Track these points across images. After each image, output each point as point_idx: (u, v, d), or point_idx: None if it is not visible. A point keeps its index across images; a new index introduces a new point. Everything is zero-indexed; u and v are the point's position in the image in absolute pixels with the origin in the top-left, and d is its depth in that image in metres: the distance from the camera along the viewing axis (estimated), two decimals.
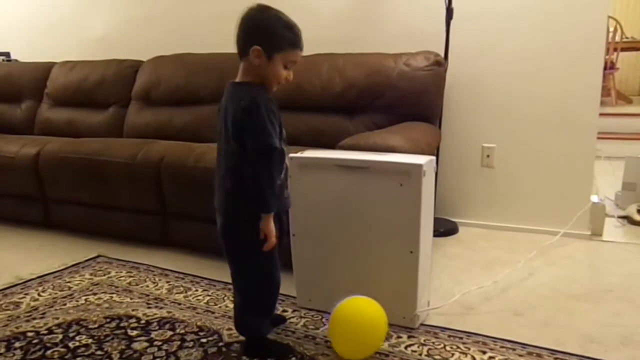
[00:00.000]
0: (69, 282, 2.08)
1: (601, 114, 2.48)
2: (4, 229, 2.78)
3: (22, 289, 2.02)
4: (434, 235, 1.76)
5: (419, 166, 1.55)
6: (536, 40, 2.45)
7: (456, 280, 2.03)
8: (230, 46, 2.55)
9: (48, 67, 3.37)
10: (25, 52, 3.84)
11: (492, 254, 2.32)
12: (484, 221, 2.68)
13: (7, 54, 3.90)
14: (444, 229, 2.59)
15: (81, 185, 2.51)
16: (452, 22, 2.43)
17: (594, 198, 2.53)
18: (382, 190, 1.60)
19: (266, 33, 1.36)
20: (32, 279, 2.11)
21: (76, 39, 3.65)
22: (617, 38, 5.61)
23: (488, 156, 2.64)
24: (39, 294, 1.97)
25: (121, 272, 2.18)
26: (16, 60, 3.86)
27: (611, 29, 5.30)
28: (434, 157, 1.66)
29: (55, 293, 1.98)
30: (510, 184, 2.62)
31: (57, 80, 3.29)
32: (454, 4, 2.41)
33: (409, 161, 1.58)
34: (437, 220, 1.97)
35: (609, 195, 3.01)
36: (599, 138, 2.45)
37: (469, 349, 1.54)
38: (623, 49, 5.77)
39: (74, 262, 2.28)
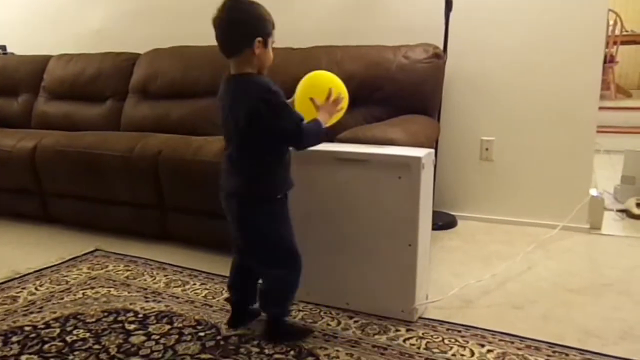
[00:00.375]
0: (66, 276, 2.07)
1: (600, 108, 2.47)
2: (1, 223, 2.77)
3: (19, 283, 2.02)
4: (433, 229, 1.76)
5: (418, 159, 1.54)
6: (536, 33, 2.44)
7: (455, 274, 2.03)
8: None
9: (44, 60, 3.35)
10: (22, 45, 3.81)
11: (490, 247, 2.32)
12: (482, 214, 2.68)
13: (3, 47, 3.88)
14: (443, 222, 2.58)
15: (78, 178, 2.50)
16: (452, 15, 2.41)
17: (593, 192, 2.53)
18: (381, 183, 1.59)
19: (260, 22, 1.41)
20: (30, 273, 2.10)
21: (73, 31, 3.62)
22: (617, 31, 5.60)
23: (487, 149, 2.63)
24: (36, 288, 1.96)
25: (119, 266, 2.17)
26: (12, 54, 3.83)
27: (611, 22, 5.28)
28: (432, 150, 1.66)
29: (53, 287, 1.97)
30: (509, 178, 2.61)
31: (54, 74, 3.27)
32: None
33: (407, 154, 1.57)
34: (435, 214, 1.96)
35: (608, 189, 3.01)
36: (598, 132, 2.45)
37: (468, 342, 1.54)
38: (623, 43, 5.76)
39: (72, 256, 2.27)
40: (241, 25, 1.40)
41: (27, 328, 1.66)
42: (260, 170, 1.46)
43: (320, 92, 1.57)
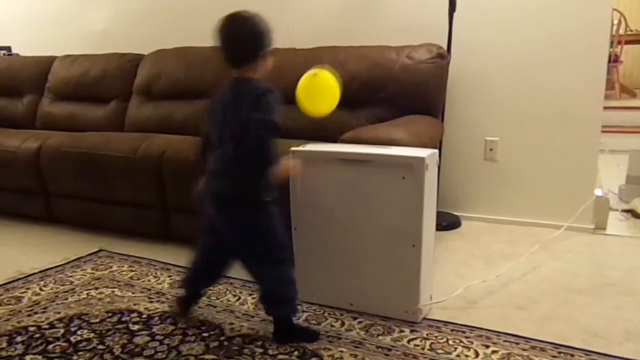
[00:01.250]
0: (70, 276, 2.08)
1: (605, 108, 2.46)
2: (6, 223, 2.78)
3: (23, 283, 2.02)
4: (437, 229, 1.75)
5: (422, 159, 1.54)
6: (540, 33, 2.43)
7: (459, 274, 2.03)
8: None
9: (49, 61, 3.36)
10: (26, 46, 3.83)
11: (494, 247, 2.31)
12: (486, 215, 2.67)
13: (8, 48, 3.89)
14: (447, 222, 2.58)
15: (82, 179, 2.51)
16: (455, 15, 2.41)
17: (598, 192, 2.52)
18: (385, 184, 1.59)
19: (268, 35, 1.48)
20: (34, 274, 2.10)
21: (77, 32, 3.63)
22: (622, 31, 5.57)
23: (491, 150, 2.62)
24: (40, 289, 1.97)
25: (123, 266, 2.17)
26: (17, 54, 3.85)
27: (615, 22, 5.26)
28: (436, 151, 1.65)
29: (57, 287, 1.98)
30: (514, 178, 2.61)
31: (58, 75, 3.28)
32: None
33: (411, 154, 1.57)
34: (439, 214, 1.96)
35: (613, 189, 2.99)
36: (602, 131, 2.44)
37: (472, 343, 1.53)
38: (627, 42, 5.73)
39: (76, 257, 2.28)
40: (254, 39, 1.47)
41: (31, 328, 1.66)
42: (260, 169, 1.46)
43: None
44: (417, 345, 1.52)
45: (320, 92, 1.60)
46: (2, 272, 2.12)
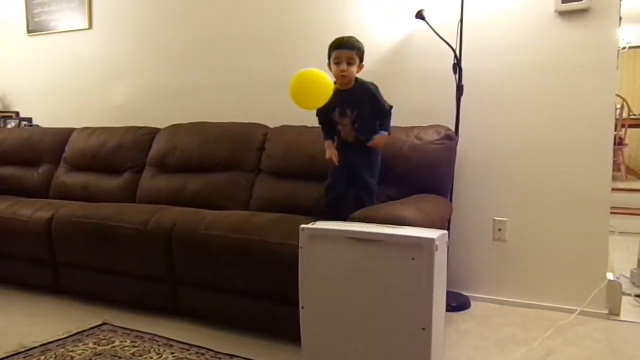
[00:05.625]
0: (72, 351, 2.03)
1: (613, 189, 2.47)
2: (12, 293, 2.75)
3: (24, 358, 1.97)
4: (446, 310, 1.72)
5: (432, 240, 1.54)
6: (547, 116, 2.50)
7: (470, 359, 1.96)
8: (243, 116, 2.61)
9: (68, 132, 3.46)
10: (48, 118, 3.96)
11: (506, 331, 2.25)
12: (496, 296, 2.62)
13: (30, 120, 4.03)
14: (456, 303, 2.53)
15: (92, 250, 2.51)
16: (463, 99, 2.50)
17: (610, 276, 2.47)
18: (394, 264, 1.58)
19: None
20: (36, 347, 2.06)
21: (98, 106, 3.76)
22: (625, 115, 5.72)
23: (500, 230, 2.62)
24: None
25: (125, 341, 2.13)
26: (37, 126, 3.98)
27: (618, 107, 5.41)
28: (446, 232, 1.66)
29: None
30: (523, 259, 2.58)
31: (76, 146, 3.36)
32: (464, 82, 2.48)
33: (421, 235, 1.57)
34: (449, 294, 1.92)
35: (625, 272, 2.94)
36: (612, 213, 2.43)
37: None
38: (631, 126, 5.87)
39: (79, 330, 2.23)
40: None
41: None
42: None
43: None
44: None
45: (307, 87, 1.94)
46: (3, 344, 2.08)
